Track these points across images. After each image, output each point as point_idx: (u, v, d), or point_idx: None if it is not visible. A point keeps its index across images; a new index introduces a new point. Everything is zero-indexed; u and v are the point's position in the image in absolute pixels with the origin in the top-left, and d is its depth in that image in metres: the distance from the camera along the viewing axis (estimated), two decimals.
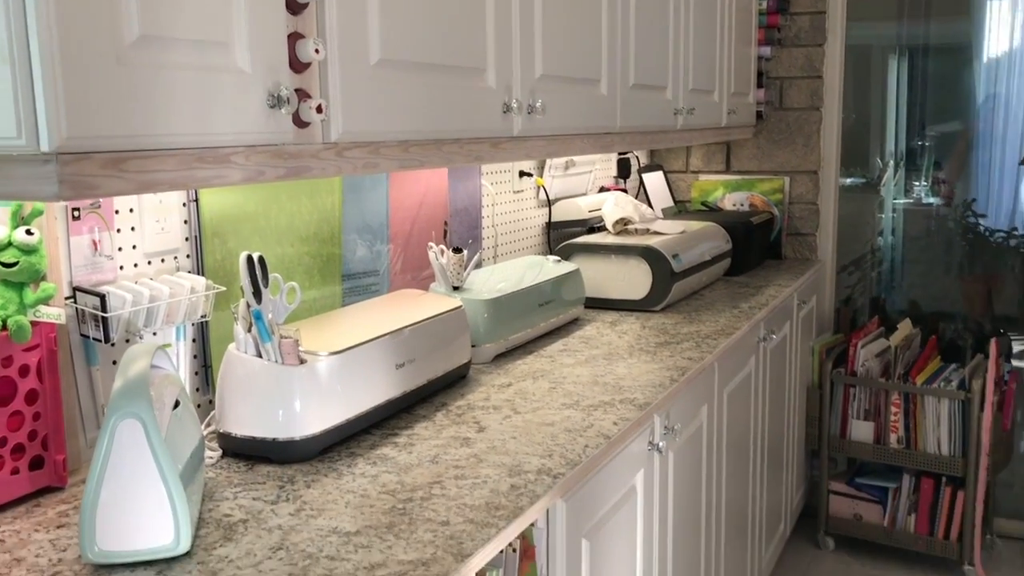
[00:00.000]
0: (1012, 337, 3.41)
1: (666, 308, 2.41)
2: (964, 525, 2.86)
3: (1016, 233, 3.51)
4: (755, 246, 3.02)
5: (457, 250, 1.91)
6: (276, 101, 1.11)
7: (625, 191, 3.03)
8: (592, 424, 1.51)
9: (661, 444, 1.66)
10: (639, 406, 1.59)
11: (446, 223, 2.17)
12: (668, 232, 2.58)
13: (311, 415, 1.36)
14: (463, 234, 2.26)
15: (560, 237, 2.70)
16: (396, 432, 1.49)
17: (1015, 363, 3.35)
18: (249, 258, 1.36)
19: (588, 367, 1.85)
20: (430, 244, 1.92)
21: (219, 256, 1.57)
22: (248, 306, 1.36)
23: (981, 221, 3.58)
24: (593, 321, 2.28)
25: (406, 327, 1.57)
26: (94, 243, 1.37)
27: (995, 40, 3.70)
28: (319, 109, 1.15)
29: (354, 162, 1.26)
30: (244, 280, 1.36)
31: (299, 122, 1.15)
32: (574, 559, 1.38)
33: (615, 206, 2.63)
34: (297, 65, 1.15)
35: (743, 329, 2.19)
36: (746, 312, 2.36)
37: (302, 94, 1.15)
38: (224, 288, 1.52)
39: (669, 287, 2.36)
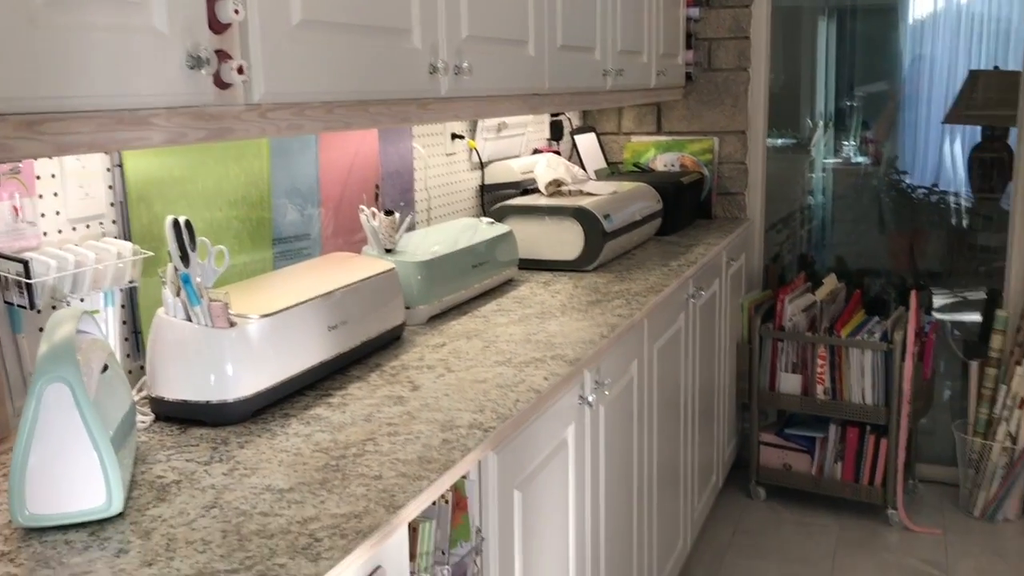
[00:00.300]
0: (933, 290, 3.53)
1: (598, 268, 2.45)
2: (887, 471, 2.98)
3: (937, 189, 3.63)
4: (685, 206, 3.08)
5: (389, 213, 1.92)
6: (196, 62, 1.10)
7: (558, 153, 3.06)
8: (524, 380, 1.54)
9: (591, 398, 1.70)
10: (569, 362, 1.63)
11: (377, 186, 2.17)
12: (600, 193, 2.61)
13: (243, 377, 1.37)
14: (395, 197, 2.27)
15: (493, 199, 2.72)
16: (330, 393, 1.50)
17: (936, 315, 3.48)
18: (175, 222, 1.35)
19: (521, 326, 1.88)
20: (361, 207, 1.92)
21: (145, 221, 1.56)
22: (176, 270, 1.36)
23: (904, 178, 3.69)
24: (527, 282, 2.31)
25: (338, 289, 1.58)
26: (15, 209, 1.36)
27: (921, 2, 3.79)
28: (240, 70, 1.15)
29: (278, 124, 1.26)
30: (171, 244, 1.35)
31: (220, 83, 1.15)
32: (506, 509, 1.41)
33: (547, 168, 2.66)
34: (217, 26, 1.14)
35: (672, 286, 2.25)
36: (675, 270, 2.41)
37: (222, 55, 1.15)
38: (152, 253, 1.51)
39: (601, 247, 2.40)
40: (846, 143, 4.03)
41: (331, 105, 1.37)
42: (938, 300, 3.70)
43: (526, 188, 2.76)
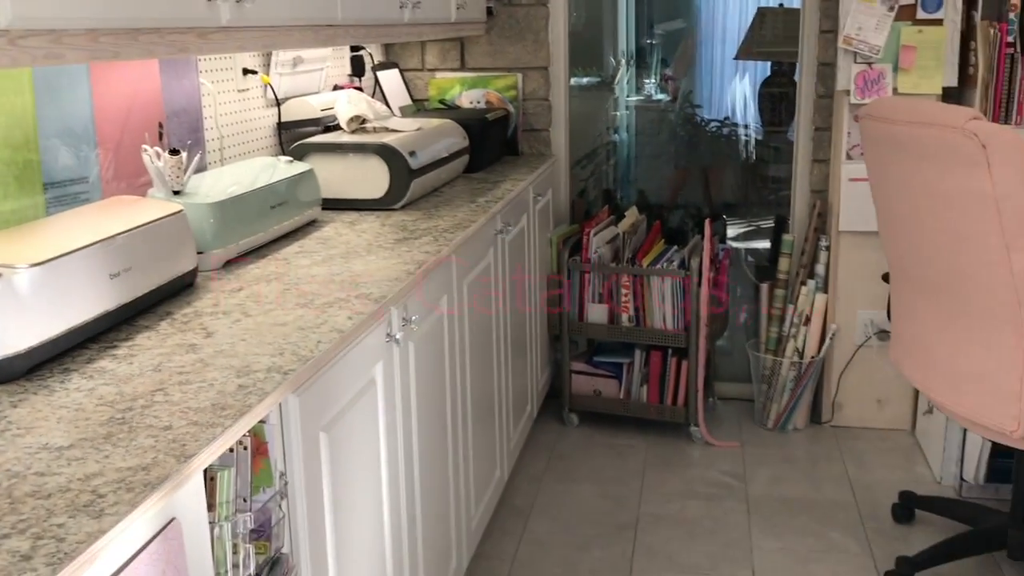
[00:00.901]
0: (728, 220, 3.72)
1: (406, 206, 2.42)
2: (689, 391, 3.15)
3: (729, 122, 3.81)
4: (492, 143, 3.08)
5: (174, 152, 1.80)
6: None
7: (360, 89, 2.98)
8: (326, 321, 1.50)
9: (399, 336, 1.68)
10: (375, 300, 1.60)
11: (161, 124, 2.04)
12: (404, 130, 2.57)
13: (13, 332, 1.26)
14: (182, 136, 2.14)
15: (292, 138, 2.62)
16: (116, 344, 1.41)
17: (731, 243, 3.68)
18: None
19: (325, 267, 1.83)
20: (144, 147, 1.80)
21: None
22: None
23: (699, 113, 3.85)
24: (331, 222, 2.25)
25: (119, 234, 1.48)
26: None
27: None
28: None
29: (32, 52, 1.15)
30: None
31: None
32: (312, 452, 1.38)
33: (349, 104, 2.58)
34: None
35: (480, 222, 2.25)
36: (483, 206, 2.41)
37: None
38: None
39: (407, 185, 2.36)
40: (647, 81, 4.16)
41: (95, 33, 1.26)
42: (733, 229, 3.92)
43: (327, 125, 2.67)
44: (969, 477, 2.75)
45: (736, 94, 4.17)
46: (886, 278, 2.46)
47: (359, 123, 2.58)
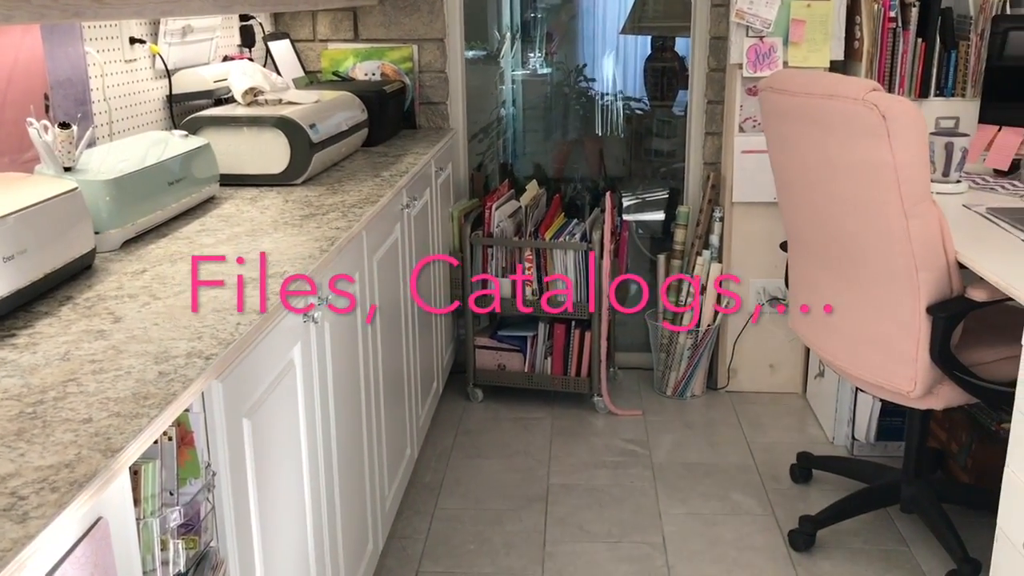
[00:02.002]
0: (622, 194, 3.76)
1: (307, 181, 2.34)
2: (592, 363, 3.18)
3: (622, 96, 3.84)
4: (390, 115, 3.02)
5: (64, 126, 1.68)
6: None
7: (251, 60, 2.85)
8: (243, 301, 1.43)
9: (316, 315, 1.63)
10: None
11: (47, 96, 1.90)
12: (302, 102, 2.48)
13: None
14: (69, 109, 2.00)
15: (185, 111, 2.50)
16: (14, 333, 1.31)
17: (625, 216, 3.72)
18: None
19: (231, 245, 1.75)
20: (30, 120, 1.67)
21: None
22: None
23: (591, 86, 3.86)
24: (231, 199, 2.16)
25: (9, 215, 1.36)
26: None
27: None
28: None
29: None
30: None
31: None
32: (236, 440, 1.32)
33: (243, 75, 2.47)
34: None
35: (388, 196, 2.19)
36: (388, 180, 2.36)
37: None
38: None
39: (309, 159, 2.28)
40: (532, 54, 4.15)
41: None
42: (626, 202, 3.96)
43: (220, 98, 2.56)
44: (860, 436, 2.88)
45: (625, 68, 4.21)
46: (784, 247, 2.53)
47: (254, 95, 2.47)
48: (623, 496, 2.69)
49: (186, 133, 2.11)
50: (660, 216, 3.79)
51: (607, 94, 3.84)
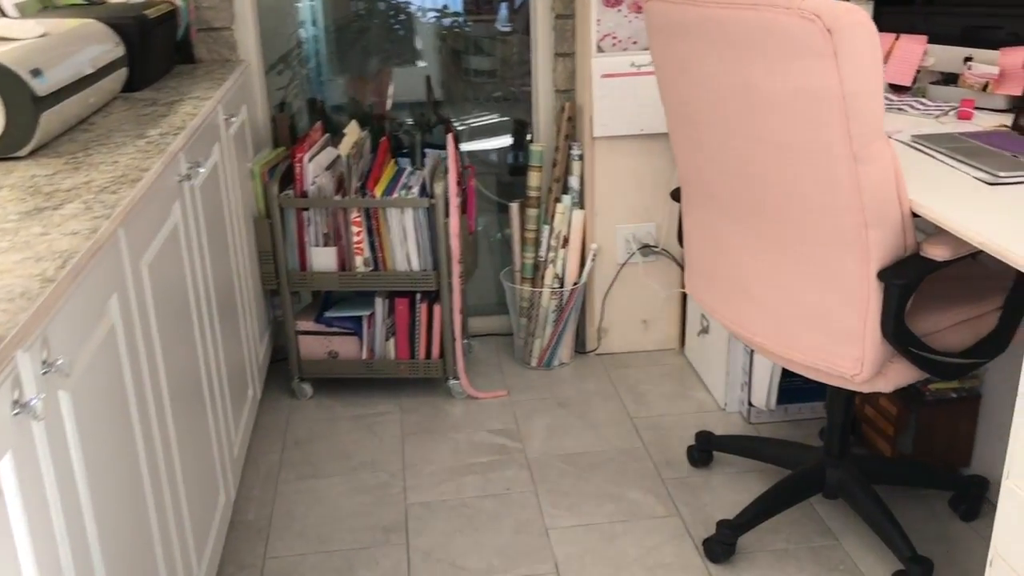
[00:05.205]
0: (454, 122, 3.18)
1: (36, 152, 1.64)
2: (444, 340, 2.64)
3: (448, 11, 3.23)
4: (157, 49, 2.30)
5: None
6: None
7: None
8: None
9: (34, 402, 0.99)
10: None
11: None
12: (21, 38, 1.75)
13: None
14: None
15: None
16: None
17: (463, 147, 3.15)
18: None
19: None
20: None
21: None
22: None
23: (416, 2, 3.22)
24: None
25: None
26: None
27: None
28: None
29: None
30: None
31: None
32: None
33: None
34: None
35: (155, 169, 1.54)
36: (157, 142, 1.69)
37: None
38: None
39: (34, 120, 1.59)
40: None
41: None
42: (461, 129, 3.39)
43: None
44: (758, 402, 2.51)
45: None
46: (676, 195, 2.07)
47: None
48: (500, 511, 2.20)
49: None
50: (498, 145, 3.24)
51: (431, 10, 3.22)
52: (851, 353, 1.69)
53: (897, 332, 1.63)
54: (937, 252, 1.58)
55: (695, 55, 1.70)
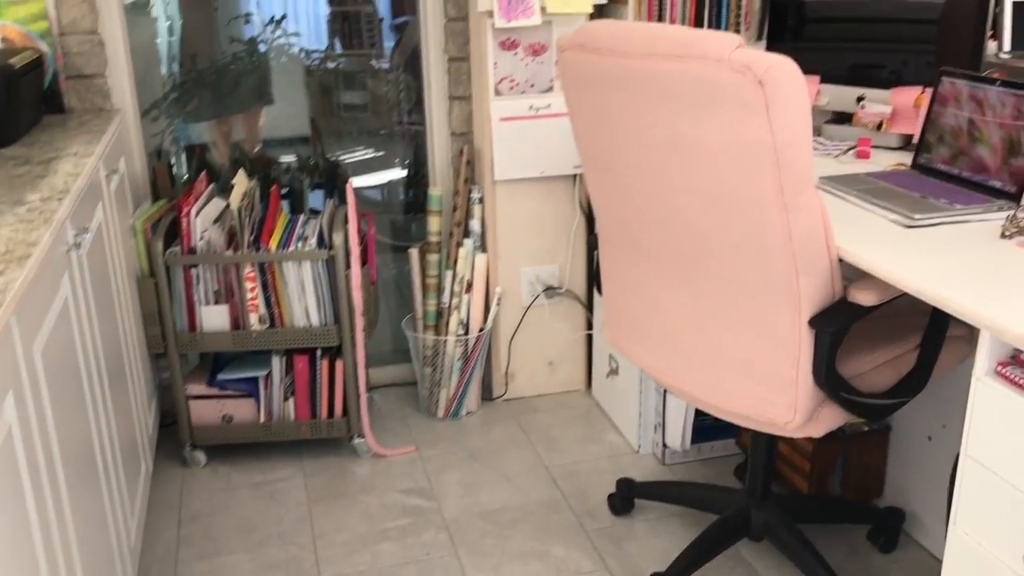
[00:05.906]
0: (332, 158, 3.05)
1: None
2: (347, 397, 2.52)
3: (333, 53, 3.12)
4: (26, 100, 2.11)
5: None
6: None
7: None
8: None
9: None
10: None
11: None
12: None
13: None
14: None
15: None
16: None
17: (364, 181, 3.04)
18: None
19: None
20: None
21: None
22: None
23: (294, 40, 3.10)
24: None
25: None
26: None
27: None
28: None
29: None
30: None
31: None
32: None
33: None
34: None
35: (44, 243, 1.38)
36: (41, 209, 1.53)
37: None
38: None
39: None
40: None
41: None
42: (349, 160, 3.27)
43: None
44: (674, 443, 2.49)
45: (319, 17, 3.47)
46: (593, 244, 2.03)
47: None
48: None
49: None
50: (380, 181, 3.13)
51: (317, 49, 3.09)
52: (783, 400, 1.68)
53: (829, 378, 1.63)
54: (865, 298, 1.59)
55: (616, 105, 1.66)
